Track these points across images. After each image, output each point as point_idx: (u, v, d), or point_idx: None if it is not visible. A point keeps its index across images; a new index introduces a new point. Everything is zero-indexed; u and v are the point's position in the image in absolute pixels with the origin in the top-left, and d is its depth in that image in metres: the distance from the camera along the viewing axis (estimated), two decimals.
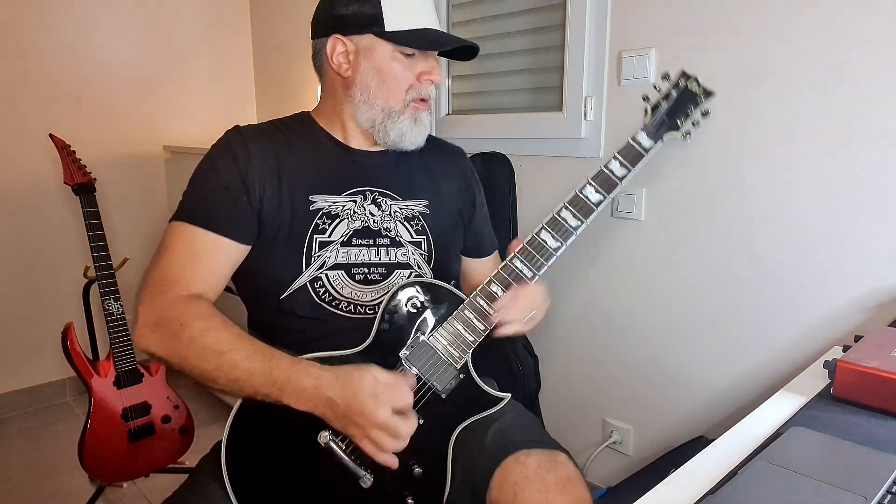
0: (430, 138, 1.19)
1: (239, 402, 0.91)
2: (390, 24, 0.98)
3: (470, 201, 1.18)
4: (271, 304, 0.99)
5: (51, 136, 1.78)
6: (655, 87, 1.06)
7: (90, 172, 1.77)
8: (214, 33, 2.69)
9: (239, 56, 2.79)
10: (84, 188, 1.74)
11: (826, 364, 0.88)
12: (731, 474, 0.63)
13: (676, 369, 1.49)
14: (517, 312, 0.96)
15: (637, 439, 1.60)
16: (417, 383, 0.91)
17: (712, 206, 1.38)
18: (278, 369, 0.84)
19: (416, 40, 1.00)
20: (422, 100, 1.04)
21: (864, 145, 1.16)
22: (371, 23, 0.98)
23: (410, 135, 1.04)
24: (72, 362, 1.69)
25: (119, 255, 1.86)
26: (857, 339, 0.88)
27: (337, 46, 1.01)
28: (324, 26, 1.03)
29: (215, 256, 0.96)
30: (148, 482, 1.88)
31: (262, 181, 0.98)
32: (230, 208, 0.96)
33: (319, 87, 1.10)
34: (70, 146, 1.77)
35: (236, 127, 1.05)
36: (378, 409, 0.80)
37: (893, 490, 0.55)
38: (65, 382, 2.47)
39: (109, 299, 1.73)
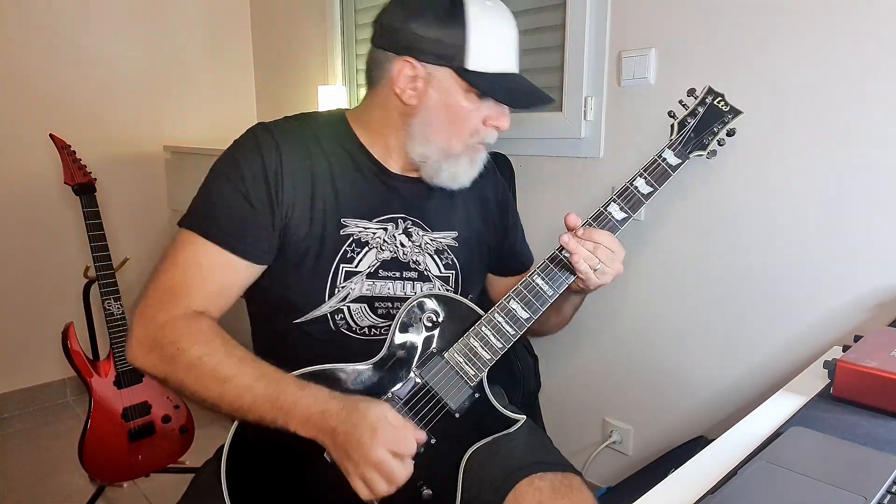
0: None
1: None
2: (473, 63, 0.89)
3: (501, 221, 1.12)
4: (285, 325, 0.94)
5: (51, 136, 1.78)
6: (682, 104, 1.04)
7: (90, 172, 1.77)
8: (215, 33, 2.69)
9: (239, 56, 2.78)
10: (84, 188, 1.74)
11: (826, 364, 0.88)
12: (731, 474, 0.63)
13: (676, 369, 1.49)
14: (591, 250, 0.89)
15: (637, 439, 1.60)
16: (431, 401, 0.88)
17: (712, 205, 1.38)
18: (285, 394, 0.79)
19: (498, 91, 0.91)
20: (482, 143, 0.96)
21: (864, 145, 1.16)
22: (452, 55, 0.88)
23: (462, 178, 0.97)
24: (72, 362, 1.69)
25: (119, 255, 1.86)
26: (857, 339, 0.88)
27: (405, 70, 0.90)
28: (394, 41, 0.91)
29: (225, 275, 0.88)
30: (148, 482, 1.87)
31: (292, 200, 0.90)
32: (249, 225, 0.88)
33: (364, 93, 1.01)
34: (70, 146, 1.77)
35: (266, 127, 0.94)
36: (375, 445, 0.75)
37: (893, 490, 0.55)
38: (65, 382, 2.46)
39: (109, 299, 1.73)
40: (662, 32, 1.40)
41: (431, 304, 0.91)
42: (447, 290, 1.00)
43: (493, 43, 0.90)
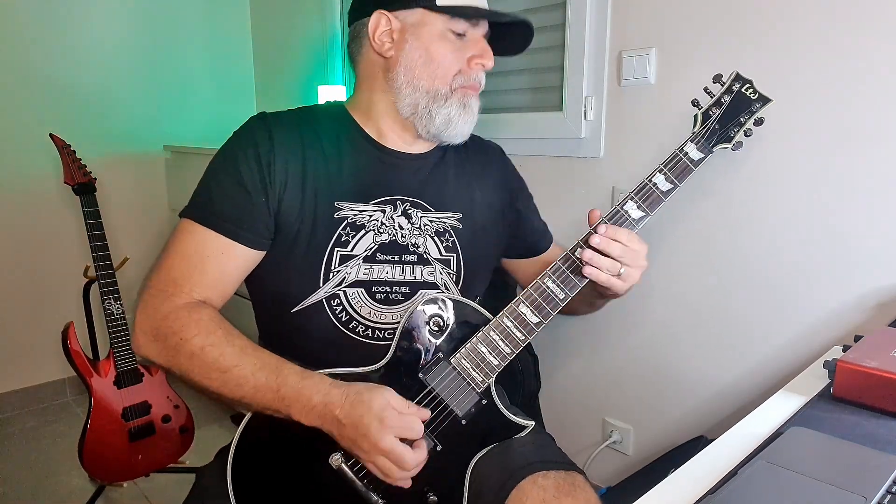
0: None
1: (244, 421, 0.87)
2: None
3: (510, 205, 1.11)
4: (283, 316, 0.93)
5: (51, 136, 1.78)
6: (707, 91, 0.98)
7: (90, 172, 1.77)
8: (215, 33, 2.69)
9: (239, 56, 2.78)
10: (84, 188, 1.74)
11: (826, 364, 0.88)
12: (731, 474, 0.63)
13: (676, 369, 1.49)
14: (615, 255, 0.86)
15: (637, 439, 1.60)
16: (437, 408, 0.86)
17: (712, 205, 1.38)
18: (286, 386, 0.80)
19: (470, 11, 0.92)
20: (471, 86, 0.95)
21: (864, 144, 1.16)
22: None
23: (458, 122, 0.95)
24: (72, 362, 1.69)
25: (119, 254, 1.86)
26: (857, 338, 0.88)
27: (381, 23, 0.93)
28: (363, 6, 0.95)
29: (225, 261, 0.89)
30: (148, 482, 1.87)
31: (283, 180, 0.91)
32: (246, 210, 0.89)
33: (354, 81, 1.03)
34: (70, 146, 1.77)
35: (262, 114, 0.98)
36: (382, 434, 0.76)
37: (893, 490, 0.55)
38: (65, 382, 2.47)
39: (110, 299, 1.73)
40: (662, 32, 1.40)
41: (438, 307, 0.89)
42: (449, 273, 0.99)
43: None
